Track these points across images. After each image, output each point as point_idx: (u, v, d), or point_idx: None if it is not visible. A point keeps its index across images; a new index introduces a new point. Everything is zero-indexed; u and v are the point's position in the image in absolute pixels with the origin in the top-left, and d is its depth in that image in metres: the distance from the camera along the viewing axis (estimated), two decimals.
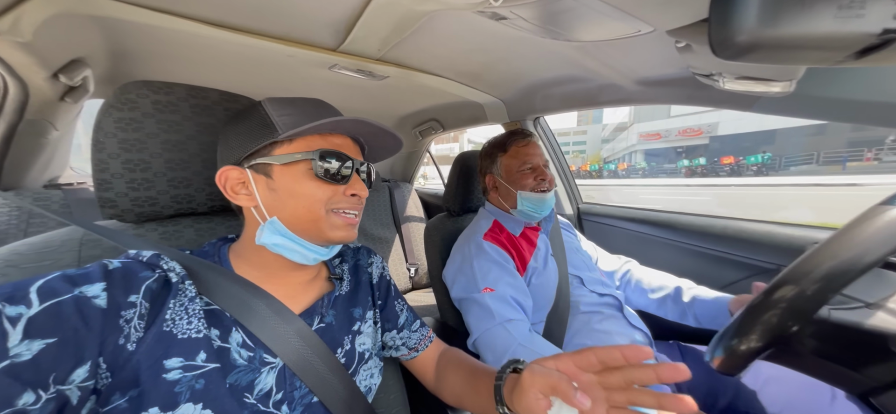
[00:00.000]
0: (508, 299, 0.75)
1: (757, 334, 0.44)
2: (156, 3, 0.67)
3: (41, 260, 0.43)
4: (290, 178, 0.43)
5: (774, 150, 29.57)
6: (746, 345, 0.45)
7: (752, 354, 0.45)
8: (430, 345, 0.60)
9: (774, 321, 0.43)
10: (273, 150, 0.44)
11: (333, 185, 0.45)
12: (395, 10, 0.68)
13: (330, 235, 0.45)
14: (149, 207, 0.50)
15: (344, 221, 0.46)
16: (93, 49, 0.86)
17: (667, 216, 1.16)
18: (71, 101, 0.98)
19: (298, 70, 1.03)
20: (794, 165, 28.87)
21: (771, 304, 0.44)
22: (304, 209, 0.44)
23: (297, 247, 0.45)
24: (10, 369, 0.27)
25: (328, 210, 0.45)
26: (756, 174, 25.92)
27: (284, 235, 0.44)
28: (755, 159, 27.31)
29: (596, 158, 51.77)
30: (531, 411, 0.35)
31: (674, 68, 0.84)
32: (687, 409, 0.31)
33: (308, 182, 0.44)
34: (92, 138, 0.46)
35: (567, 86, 1.11)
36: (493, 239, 0.85)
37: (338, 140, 0.46)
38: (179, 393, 0.36)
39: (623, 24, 0.56)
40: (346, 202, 0.46)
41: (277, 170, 0.44)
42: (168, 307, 0.38)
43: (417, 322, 0.61)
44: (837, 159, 28.18)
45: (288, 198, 0.44)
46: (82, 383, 0.32)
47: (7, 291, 0.30)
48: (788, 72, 0.54)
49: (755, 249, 0.91)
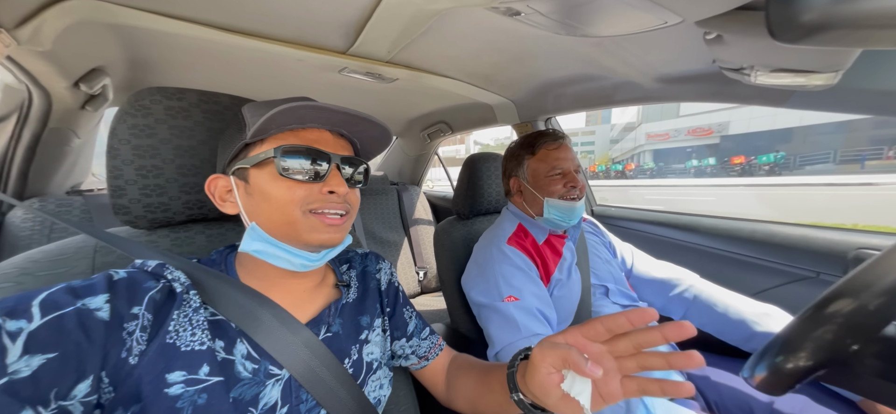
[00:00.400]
0: (534, 311, 0.70)
1: (807, 352, 0.40)
2: (170, 10, 0.68)
3: (56, 268, 0.44)
4: (262, 180, 0.41)
5: (790, 149, 28.72)
6: (794, 363, 0.40)
7: (800, 374, 0.40)
8: (440, 353, 0.58)
9: (829, 338, 0.39)
10: (248, 152, 0.42)
11: (307, 184, 0.41)
12: (405, 10, 0.66)
13: (308, 238, 0.42)
14: (161, 214, 0.50)
15: (324, 222, 0.42)
16: (111, 58, 0.88)
17: (688, 218, 1.10)
18: (91, 109, 1.02)
19: (308, 75, 1.02)
20: (809, 164, 28.02)
21: (824, 318, 0.39)
22: (277, 212, 0.41)
23: (280, 253, 0.42)
24: (8, 387, 0.27)
25: (304, 211, 0.41)
26: (768, 174, 25.21)
27: (265, 241, 0.42)
28: (768, 159, 26.54)
29: (604, 159, 51.12)
30: (544, 387, 0.35)
31: (697, 63, 0.79)
32: (695, 364, 0.31)
33: (277, 182, 0.41)
34: (107, 145, 0.46)
35: (581, 85, 1.07)
36: (517, 244, 0.80)
37: (312, 135, 0.43)
38: (181, 409, 0.35)
39: (649, 15, 0.52)
40: (323, 201, 0.42)
41: (252, 173, 0.42)
42: (171, 318, 0.37)
43: (427, 329, 0.59)
44: (856, 158, 27.25)
45: (262, 201, 0.42)
46: (85, 398, 0.31)
47: (9, 305, 0.30)
48: (836, 61, 0.49)
49: (789, 255, 0.85)
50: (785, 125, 29.20)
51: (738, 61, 0.61)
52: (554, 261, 0.82)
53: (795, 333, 0.41)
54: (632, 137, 41.99)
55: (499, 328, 0.70)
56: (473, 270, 0.82)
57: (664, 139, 37.41)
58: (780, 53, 0.52)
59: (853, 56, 0.49)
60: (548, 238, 0.85)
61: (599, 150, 54.96)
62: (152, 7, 0.66)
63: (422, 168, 2.09)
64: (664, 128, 38.01)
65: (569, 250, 0.85)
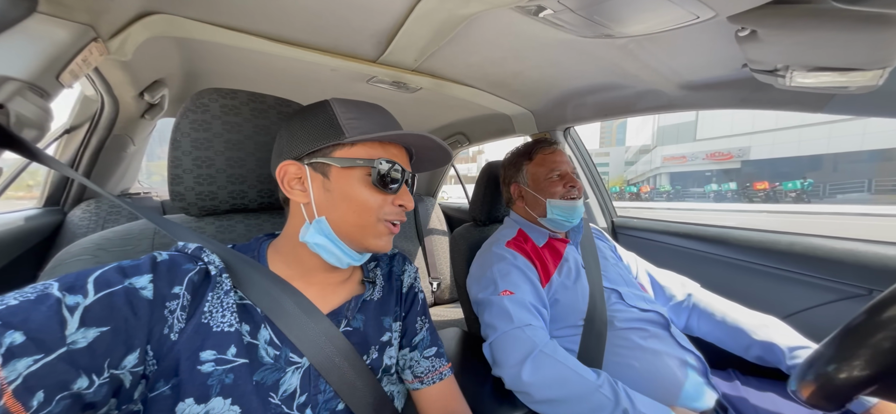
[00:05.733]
0: (527, 305, 0.72)
1: (863, 361, 0.36)
2: (229, 22, 0.75)
3: (124, 245, 0.51)
4: (346, 182, 0.44)
5: (818, 177, 27.34)
6: (848, 373, 0.36)
7: (855, 386, 0.36)
8: (439, 382, 0.54)
9: (888, 345, 0.35)
10: (334, 151, 0.44)
11: (385, 194, 0.45)
12: (436, 17, 0.69)
13: (372, 242, 0.45)
14: (209, 202, 0.55)
15: (388, 230, 0.46)
16: (172, 70, 0.98)
17: (716, 230, 1.05)
18: (149, 118, 1.14)
19: (339, 83, 1.08)
20: (841, 193, 26.50)
21: (882, 323, 0.35)
22: (354, 214, 0.44)
23: (335, 249, 0.45)
24: (67, 356, 0.29)
25: (379, 218, 0.45)
26: (795, 201, 23.98)
27: (327, 237, 0.44)
28: (794, 185, 25.28)
29: (619, 181, 50.24)
30: None
31: (726, 68, 0.78)
32: None
33: (363, 188, 0.44)
34: (171, 137, 0.52)
35: (602, 93, 1.07)
36: (516, 247, 0.83)
37: (394, 150, 0.47)
38: (211, 386, 0.36)
39: (681, 9, 0.52)
40: (393, 212, 0.46)
41: (335, 171, 0.44)
42: (206, 299, 0.39)
43: (433, 349, 0.55)
44: (894, 188, 25.63)
45: (341, 200, 0.44)
46: (133, 369, 0.33)
47: (69, 281, 0.32)
48: (881, 56, 0.47)
49: (835, 270, 0.79)
50: (812, 151, 27.98)
51: (773, 61, 0.59)
52: (554, 263, 0.84)
53: (849, 339, 0.37)
54: (647, 159, 41.25)
55: (493, 317, 0.72)
56: (475, 271, 0.86)
57: (681, 162, 36.56)
58: (820, 49, 0.51)
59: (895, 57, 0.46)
60: (548, 241, 0.87)
61: (614, 172, 54.12)
62: (215, 20, 0.74)
63: (438, 179, 2.12)
64: (681, 151, 37.22)
65: (571, 252, 0.86)
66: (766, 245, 0.92)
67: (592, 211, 1.39)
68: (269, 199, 0.60)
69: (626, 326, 0.76)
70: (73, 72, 0.57)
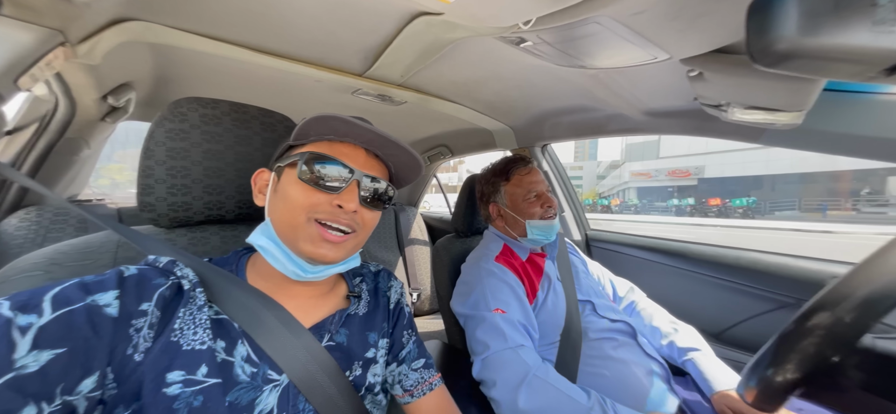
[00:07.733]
0: (517, 325, 0.73)
1: (794, 364, 0.42)
2: (208, 31, 0.73)
3: (82, 259, 0.46)
4: (286, 181, 0.44)
5: (760, 195, 30.68)
6: (782, 376, 0.42)
7: (789, 387, 0.42)
8: (429, 393, 0.53)
9: (812, 350, 0.41)
10: (291, 154, 0.45)
11: (320, 193, 0.42)
12: (423, 39, 0.72)
13: (303, 246, 0.41)
14: (182, 213, 0.53)
15: (322, 235, 0.41)
16: (142, 73, 0.92)
17: (678, 245, 1.16)
18: (110, 121, 1.05)
19: (323, 95, 1.07)
20: (778, 210, 29.82)
21: (806, 331, 0.42)
22: (287, 212, 0.42)
23: (279, 254, 0.42)
24: (13, 382, 0.27)
25: (309, 219, 0.41)
26: (742, 217, 26.65)
27: (271, 239, 0.43)
28: (741, 202, 28.24)
29: (592, 193, 52.95)
30: None
31: (680, 99, 0.88)
32: None
33: (295, 185, 0.42)
34: (143, 146, 0.49)
35: (576, 115, 1.15)
36: (505, 262, 0.85)
37: (346, 150, 0.43)
38: (177, 410, 0.34)
39: (641, 51, 0.59)
40: (330, 214, 0.42)
41: (284, 172, 0.44)
42: (177, 316, 0.37)
43: (422, 361, 0.55)
44: (818, 207, 29.28)
45: (280, 200, 0.43)
46: (89, 394, 0.31)
47: (23, 299, 0.30)
48: (799, 101, 0.57)
49: (772, 282, 0.90)
50: (754, 172, 31.42)
51: (717, 98, 0.69)
52: (537, 278, 0.87)
53: (782, 345, 0.43)
54: (617, 174, 43.90)
55: (485, 335, 0.72)
56: (462, 288, 0.86)
57: (647, 178, 39.33)
58: (752, 92, 0.60)
59: (813, 97, 0.56)
60: (529, 256, 0.91)
61: (587, 185, 57.08)
62: (192, 27, 0.71)
63: (420, 189, 2.13)
64: (646, 167, 40.13)
65: (549, 267, 0.90)
66: (718, 259, 1.03)
67: (567, 224, 1.47)
68: (248, 209, 0.58)
69: (598, 337, 0.80)
70: (33, 75, 0.54)
